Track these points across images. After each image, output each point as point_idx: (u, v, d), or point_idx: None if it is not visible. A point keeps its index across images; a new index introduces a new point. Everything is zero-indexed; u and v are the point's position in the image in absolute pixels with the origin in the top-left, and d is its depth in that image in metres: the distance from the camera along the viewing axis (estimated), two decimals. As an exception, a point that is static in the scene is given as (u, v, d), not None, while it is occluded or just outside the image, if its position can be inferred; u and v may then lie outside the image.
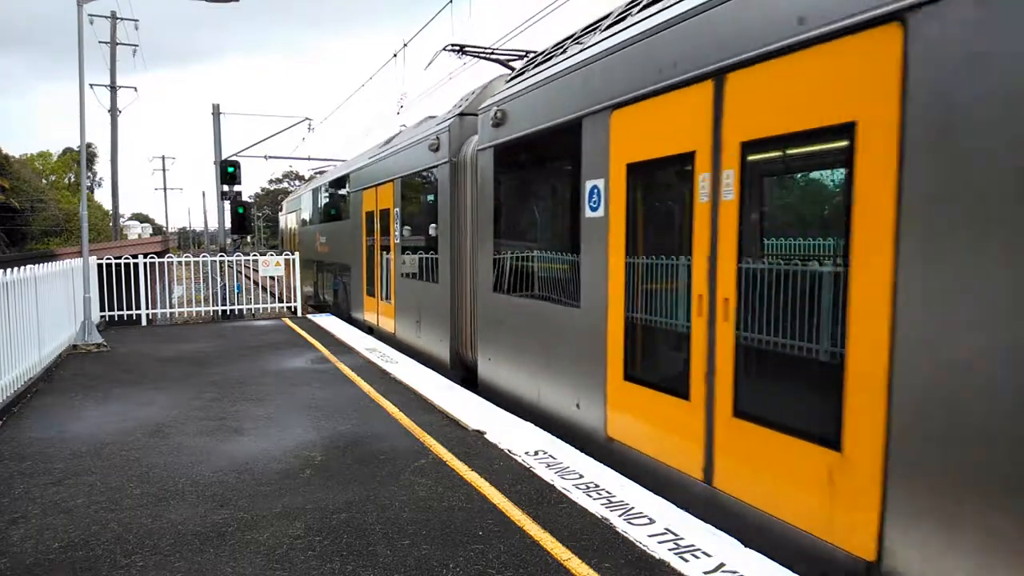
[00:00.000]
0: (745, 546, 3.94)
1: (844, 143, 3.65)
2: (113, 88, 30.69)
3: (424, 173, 10.60)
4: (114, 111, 30.66)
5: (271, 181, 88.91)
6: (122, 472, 5.35)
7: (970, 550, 3.04)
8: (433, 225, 10.16)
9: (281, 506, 4.66)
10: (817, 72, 3.80)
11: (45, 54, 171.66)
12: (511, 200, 7.97)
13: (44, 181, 56.73)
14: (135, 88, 51.12)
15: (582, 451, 5.87)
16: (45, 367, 9.27)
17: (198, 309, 16.53)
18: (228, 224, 20.70)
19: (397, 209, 11.78)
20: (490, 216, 8.05)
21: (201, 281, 18.11)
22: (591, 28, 6.67)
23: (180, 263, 18.43)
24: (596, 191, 5.90)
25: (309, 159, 27.65)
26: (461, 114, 9.53)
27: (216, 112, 23.74)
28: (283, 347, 11.40)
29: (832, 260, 3.82)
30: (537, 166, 7.50)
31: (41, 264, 9.76)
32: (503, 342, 7.84)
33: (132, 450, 5.89)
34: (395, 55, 16.89)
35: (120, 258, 14.31)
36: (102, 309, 14.19)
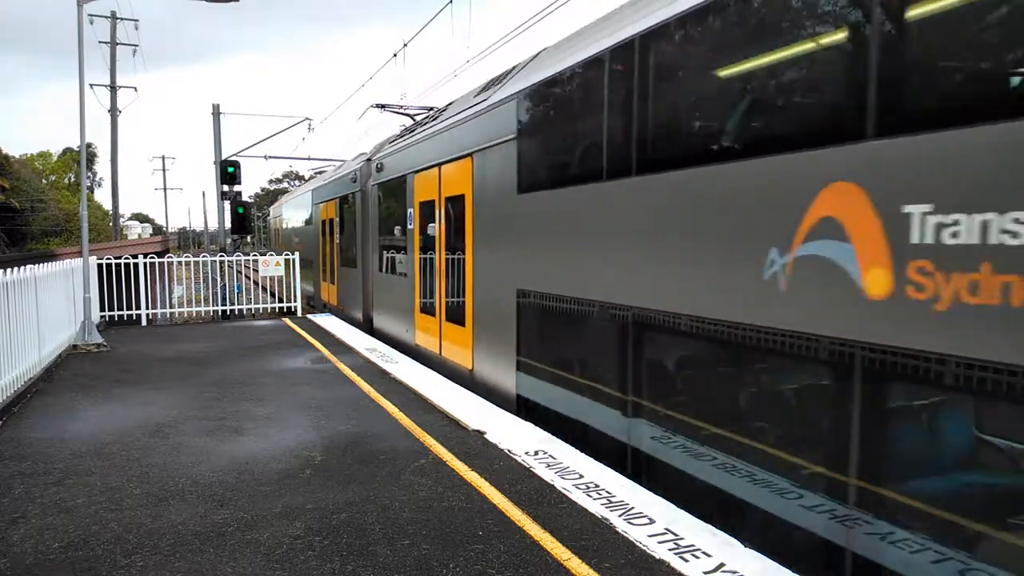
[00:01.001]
0: (745, 546, 3.95)
1: (464, 201, 8.56)
2: (113, 88, 30.70)
3: (350, 196, 15.32)
4: (114, 111, 30.67)
5: (271, 181, 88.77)
6: (122, 472, 5.35)
7: (487, 359, 8.10)
8: (354, 231, 15.09)
9: (281, 506, 4.66)
10: (459, 171, 8.75)
11: (46, 54, 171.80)
12: (385, 217, 12.92)
13: (44, 181, 56.75)
14: (135, 88, 51.10)
15: (408, 356, 10.40)
16: (45, 367, 9.27)
17: (198, 309, 16.53)
18: (228, 224, 20.70)
19: (337, 219, 16.68)
20: (376, 226, 13.38)
21: (201, 281, 18.12)
22: (420, 122, 11.93)
23: (180, 263, 18.44)
24: (410, 215, 11.00)
25: (309, 159, 27.63)
26: (368, 159, 14.38)
27: (216, 112, 23.73)
28: (283, 347, 11.40)
29: (462, 252, 8.72)
30: (393, 198, 12.31)
31: (41, 264, 9.75)
32: (383, 301, 13.18)
33: (132, 450, 5.89)
34: (395, 55, 16.89)
35: (120, 258, 14.31)
36: (102, 309, 14.18)
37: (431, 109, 13.36)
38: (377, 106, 15.46)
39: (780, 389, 4.23)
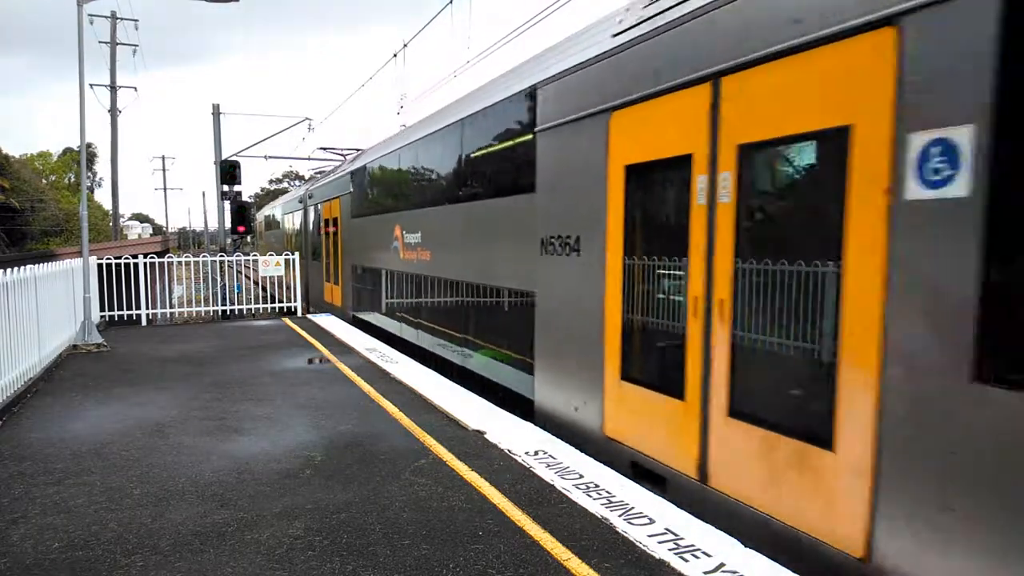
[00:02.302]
0: (745, 546, 3.94)
1: (339, 221, 16.27)
2: (113, 88, 30.70)
3: (299, 212, 22.40)
4: (114, 111, 30.67)
5: (271, 181, 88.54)
6: (122, 472, 5.36)
7: (346, 300, 16.06)
8: (300, 235, 22.21)
9: (281, 506, 4.66)
10: (337, 204, 16.47)
11: (46, 54, 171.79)
12: (314, 227, 19.88)
13: (44, 181, 56.71)
14: (135, 88, 51.16)
15: (325, 311, 17.24)
16: (45, 367, 9.27)
17: (198, 309, 16.53)
18: (228, 224, 20.72)
19: (293, 227, 23.79)
20: (310, 232, 20.39)
21: (201, 281, 18.12)
22: (334, 169, 19.95)
23: (180, 263, 18.44)
24: (320, 224, 18.68)
25: (309, 159, 27.52)
26: (306, 188, 22.13)
27: (216, 112, 23.73)
28: (283, 347, 11.40)
29: (338, 248, 16.67)
30: (316, 215, 19.30)
31: (41, 264, 9.75)
32: (313, 279, 19.77)
33: (132, 450, 5.89)
34: (395, 55, 16.90)
35: (120, 258, 14.30)
36: (102, 309, 14.18)
37: (358, 150, 18.99)
38: (321, 148, 22.29)
39: (400, 286, 11.75)
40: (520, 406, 7.13)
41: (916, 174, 3.23)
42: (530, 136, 6.86)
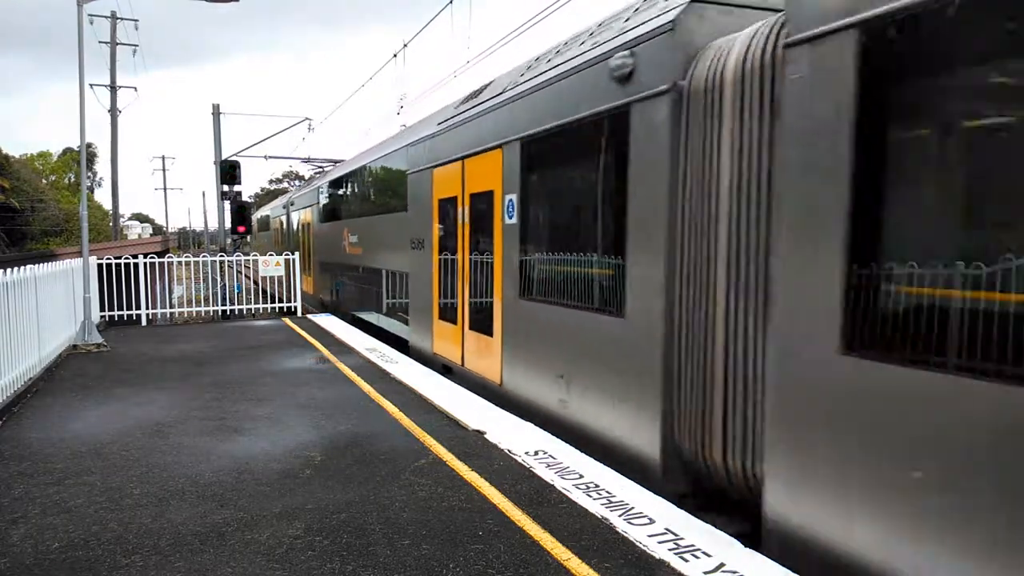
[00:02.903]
0: (745, 546, 3.95)
1: (312, 225, 20.98)
2: (113, 88, 30.70)
3: (285, 216, 26.85)
4: (114, 111, 30.67)
5: (271, 181, 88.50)
6: (122, 472, 5.35)
7: (317, 288, 20.40)
8: (285, 234, 26.40)
9: (281, 506, 4.66)
10: (310, 211, 21.40)
11: (46, 54, 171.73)
12: (296, 228, 24.23)
13: (44, 181, 56.70)
14: (135, 88, 51.21)
15: (301, 299, 17.19)
16: (45, 367, 9.27)
17: (198, 309, 16.53)
18: (228, 224, 20.75)
19: (281, 227, 28.59)
20: (293, 232, 24.76)
21: (201, 281, 18.13)
22: (311, 178, 27.52)
23: (180, 263, 18.44)
24: (299, 226, 23.74)
25: (309, 159, 27.51)
26: (289, 197, 27.79)
27: (216, 112, 23.73)
28: (283, 347, 11.40)
29: (312, 246, 21.41)
30: (295, 219, 24.31)
31: (41, 264, 9.75)
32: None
33: (132, 450, 5.89)
34: (395, 55, 16.91)
35: (120, 258, 14.30)
36: (102, 309, 14.17)
37: (339, 161, 21.81)
38: (304, 159, 25.08)
39: (348, 274, 15.85)
40: (403, 345, 11.27)
41: (507, 212, 7.42)
42: (405, 176, 11.23)
